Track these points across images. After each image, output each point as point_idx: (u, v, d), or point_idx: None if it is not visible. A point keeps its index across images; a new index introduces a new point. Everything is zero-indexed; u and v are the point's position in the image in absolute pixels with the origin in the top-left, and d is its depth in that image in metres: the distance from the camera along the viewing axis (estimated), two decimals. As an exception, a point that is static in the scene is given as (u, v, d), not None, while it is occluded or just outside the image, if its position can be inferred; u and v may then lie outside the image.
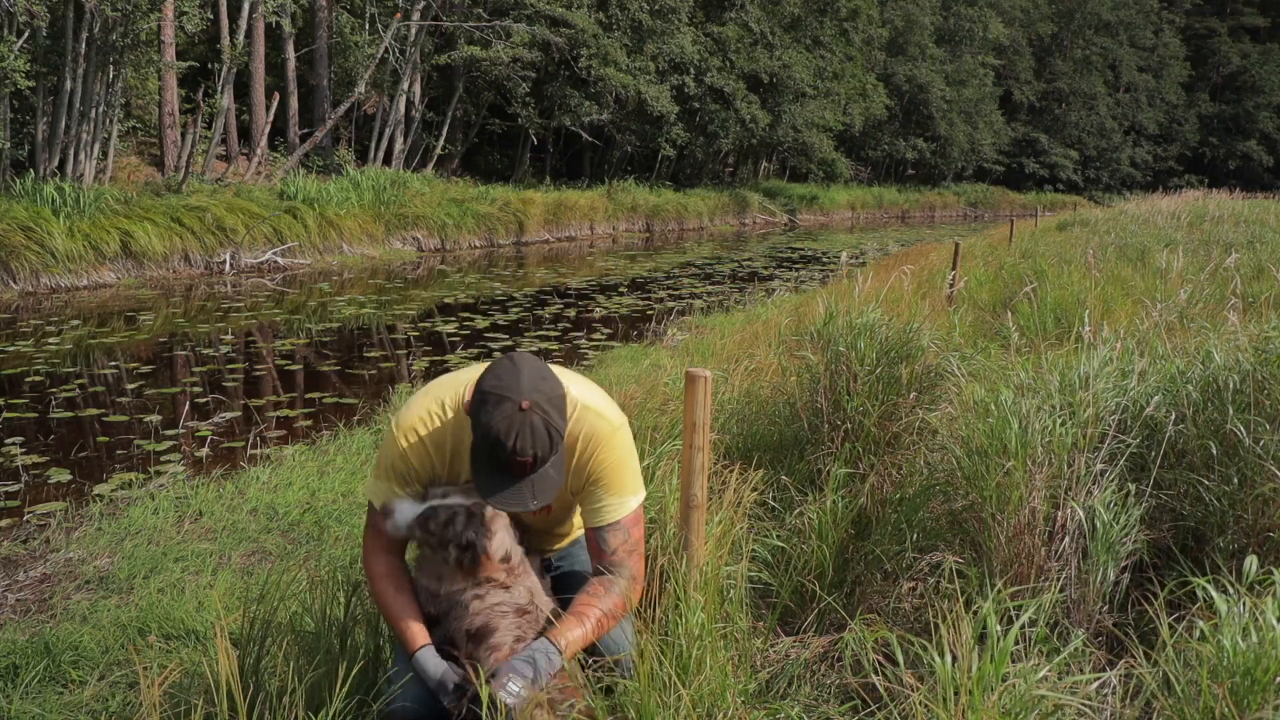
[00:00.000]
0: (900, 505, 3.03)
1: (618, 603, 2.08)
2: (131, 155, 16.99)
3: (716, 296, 12.46)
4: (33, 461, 5.21)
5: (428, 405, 2.10)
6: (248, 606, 3.15)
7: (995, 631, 1.83)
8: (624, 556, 2.11)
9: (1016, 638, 2.20)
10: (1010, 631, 1.85)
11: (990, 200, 46.03)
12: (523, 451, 1.89)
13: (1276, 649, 1.80)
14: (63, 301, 10.66)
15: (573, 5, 21.85)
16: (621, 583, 2.09)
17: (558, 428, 1.93)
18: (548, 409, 1.92)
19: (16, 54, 11.55)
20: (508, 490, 1.93)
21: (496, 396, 1.91)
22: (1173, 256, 7.86)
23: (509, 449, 1.89)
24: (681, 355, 7.08)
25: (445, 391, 2.12)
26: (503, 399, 1.90)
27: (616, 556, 2.10)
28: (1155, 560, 2.79)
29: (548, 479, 1.95)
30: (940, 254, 12.06)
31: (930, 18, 41.81)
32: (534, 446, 1.90)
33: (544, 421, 1.91)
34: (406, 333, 9.76)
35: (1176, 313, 5.13)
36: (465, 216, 18.54)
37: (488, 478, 1.94)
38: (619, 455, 2.11)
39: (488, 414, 1.90)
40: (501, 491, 1.93)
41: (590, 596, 2.08)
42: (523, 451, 1.89)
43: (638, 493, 2.14)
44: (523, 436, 1.89)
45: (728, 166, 35.06)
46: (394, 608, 2.11)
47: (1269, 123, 57.37)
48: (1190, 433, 2.88)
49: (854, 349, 3.50)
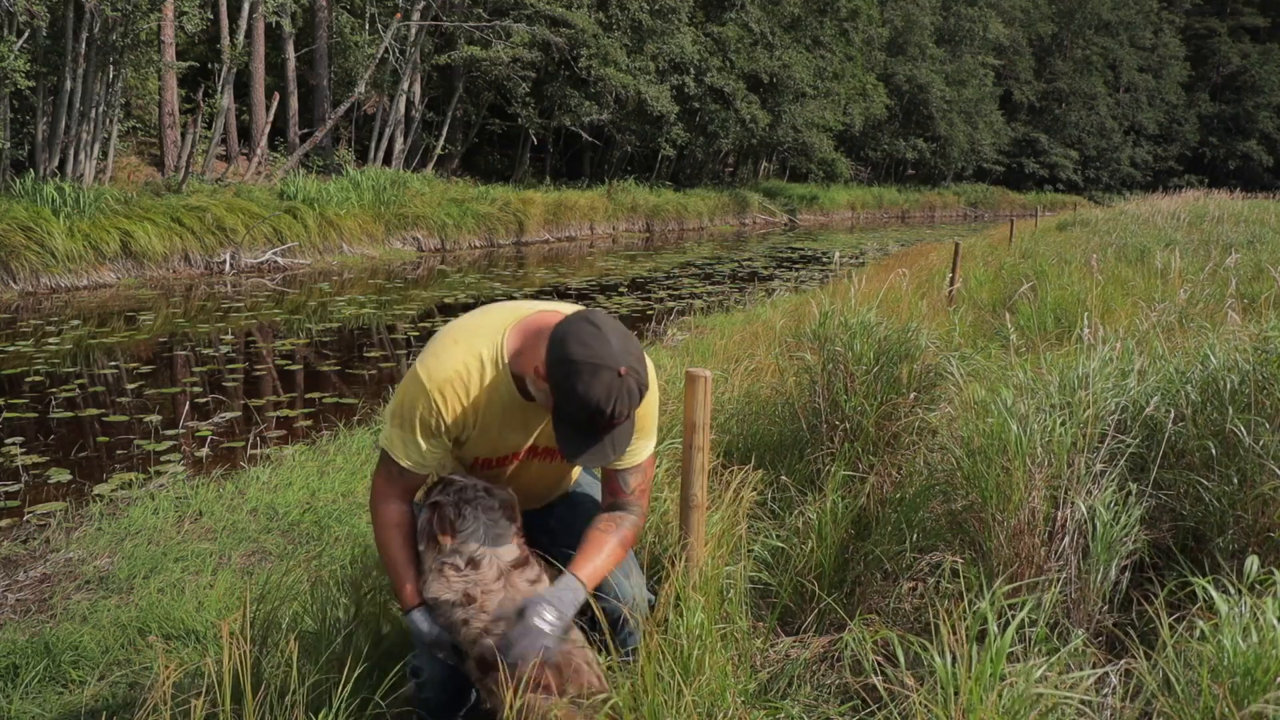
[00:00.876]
0: (900, 505, 3.03)
1: (629, 534, 2.14)
2: (131, 155, 16.99)
3: (716, 296, 12.46)
4: (33, 461, 5.21)
5: (464, 358, 2.01)
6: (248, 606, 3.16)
7: (993, 630, 1.83)
8: (639, 496, 2.18)
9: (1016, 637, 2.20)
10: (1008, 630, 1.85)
11: (990, 200, 46.05)
12: (619, 415, 1.91)
13: (1277, 649, 1.80)
14: (63, 301, 10.66)
15: (573, 5, 21.86)
16: (632, 517, 2.16)
17: (646, 384, 1.96)
18: (639, 370, 1.93)
19: (16, 54, 11.55)
20: (594, 449, 1.95)
21: (592, 365, 1.86)
22: (1172, 257, 7.86)
23: (608, 415, 1.88)
24: (681, 355, 7.08)
25: (482, 342, 2.02)
26: (599, 368, 1.86)
27: (634, 495, 2.17)
28: (1155, 560, 2.79)
29: (625, 431, 1.98)
30: (940, 254, 12.06)
31: (930, 18, 41.83)
32: (629, 408, 1.93)
33: (638, 383, 1.92)
34: (406, 333, 9.76)
35: (1176, 313, 5.13)
36: (465, 216, 18.54)
37: (573, 440, 1.94)
38: (651, 401, 2.14)
39: (584, 384, 1.86)
40: (588, 450, 1.95)
41: (602, 532, 2.11)
42: (619, 415, 1.91)
43: (653, 435, 2.21)
44: (621, 401, 1.89)
45: (728, 166, 35.07)
46: (397, 560, 2.09)
47: (1269, 123, 57.39)
48: (1190, 433, 2.88)
49: (850, 349, 3.50)
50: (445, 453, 2.11)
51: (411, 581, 2.08)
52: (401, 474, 2.07)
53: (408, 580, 2.08)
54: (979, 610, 1.91)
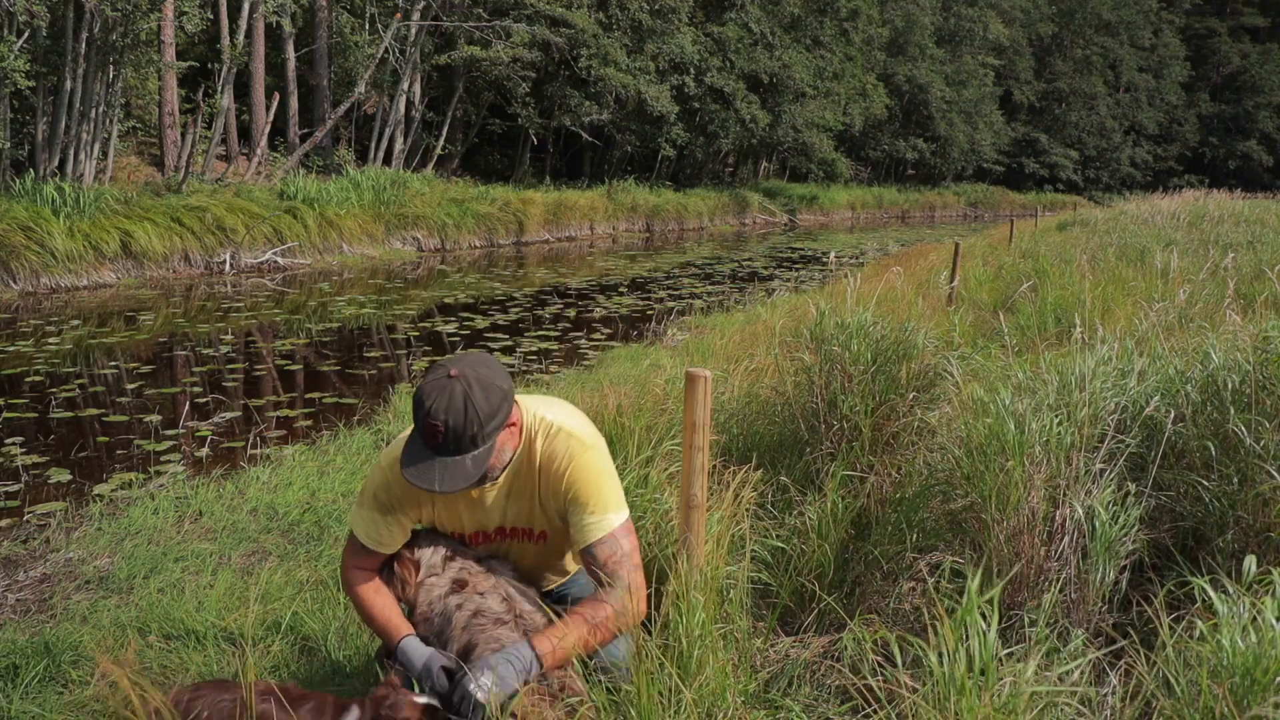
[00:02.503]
0: (900, 505, 3.03)
1: (608, 613, 2.04)
2: (131, 155, 16.99)
3: (716, 296, 12.46)
4: (33, 461, 5.21)
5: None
6: (248, 606, 3.16)
7: (980, 629, 1.83)
8: (615, 567, 2.08)
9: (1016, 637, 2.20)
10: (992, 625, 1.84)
11: (990, 200, 46.05)
12: (434, 414, 1.95)
13: (1276, 649, 1.80)
14: (63, 301, 10.66)
15: (573, 5, 21.86)
16: (615, 593, 2.05)
17: (478, 408, 1.96)
18: (474, 386, 1.97)
19: (16, 54, 11.55)
20: (421, 464, 1.98)
21: (437, 364, 2.03)
22: (1171, 257, 7.86)
23: (425, 409, 1.96)
24: (681, 355, 7.08)
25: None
26: (438, 366, 2.01)
27: (608, 568, 2.08)
28: (1155, 560, 2.79)
29: (460, 468, 1.98)
30: (940, 254, 12.06)
31: (930, 18, 41.81)
32: (446, 413, 1.94)
33: (464, 394, 1.95)
34: (406, 333, 9.76)
35: (1176, 313, 5.13)
36: (465, 216, 18.54)
37: (411, 446, 2.01)
38: (594, 471, 2.12)
39: (423, 378, 2.01)
40: (415, 464, 1.98)
41: (580, 607, 2.07)
42: (434, 414, 1.95)
43: (619, 509, 2.14)
44: (439, 400, 1.95)
45: (728, 166, 35.06)
46: (374, 607, 2.17)
47: (1269, 123, 57.38)
48: (1190, 433, 2.88)
49: (847, 349, 3.50)
50: (403, 531, 2.21)
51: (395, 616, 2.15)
52: (364, 549, 2.20)
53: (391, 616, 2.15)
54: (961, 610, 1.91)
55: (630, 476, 2.92)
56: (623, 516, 2.13)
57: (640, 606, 2.08)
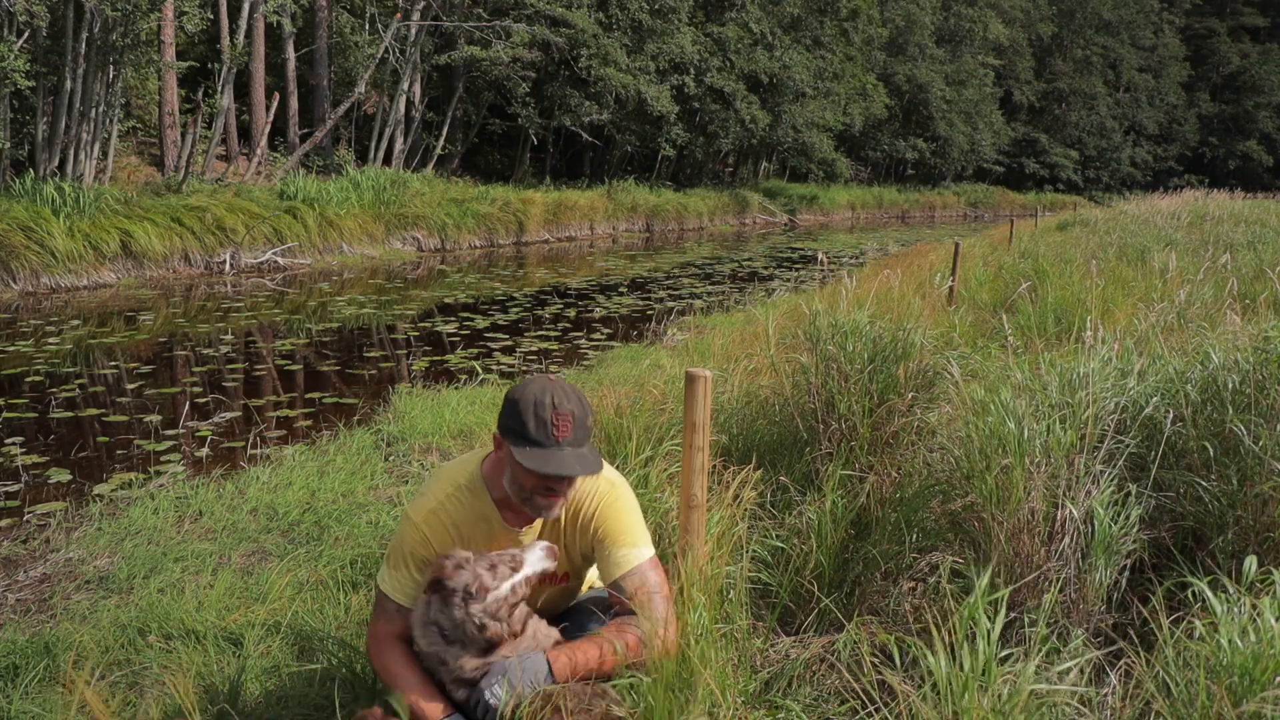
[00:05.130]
0: (899, 505, 3.03)
1: (631, 640, 2.03)
2: (131, 155, 16.99)
3: (716, 296, 12.46)
4: (33, 461, 5.21)
5: (442, 489, 2.17)
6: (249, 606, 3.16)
7: (985, 627, 1.83)
8: (645, 599, 2.07)
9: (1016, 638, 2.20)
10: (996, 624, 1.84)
11: (990, 200, 46.05)
12: (562, 405, 2.02)
13: (1275, 649, 1.80)
14: (63, 301, 10.66)
15: (573, 5, 21.85)
16: (643, 624, 2.01)
17: (584, 400, 2.08)
18: (567, 385, 2.08)
19: (16, 54, 11.55)
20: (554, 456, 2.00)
21: (524, 383, 2.08)
22: (1169, 257, 7.86)
23: (550, 404, 2.01)
24: (681, 355, 7.08)
25: (460, 474, 2.19)
26: (530, 380, 2.08)
27: (637, 599, 2.08)
28: (1155, 560, 2.79)
29: (590, 457, 2.05)
30: (940, 254, 12.06)
31: (930, 17, 41.81)
32: (571, 403, 2.03)
33: (571, 389, 2.06)
34: (406, 333, 9.76)
35: (1175, 313, 5.13)
36: (465, 216, 18.54)
37: (532, 451, 2.01)
38: (620, 509, 2.18)
39: (521, 392, 2.05)
40: (549, 461, 2.00)
41: (605, 629, 2.08)
42: (562, 405, 2.02)
43: (647, 545, 2.18)
44: (559, 394, 2.03)
45: (728, 166, 35.06)
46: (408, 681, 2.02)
47: (1269, 123, 57.38)
48: (1189, 433, 2.88)
49: (844, 350, 3.50)
50: None
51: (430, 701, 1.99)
52: (398, 611, 2.12)
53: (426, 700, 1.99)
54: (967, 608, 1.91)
55: (631, 477, 2.92)
56: (650, 551, 2.18)
57: (670, 638, 2.02)
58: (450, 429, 5.41)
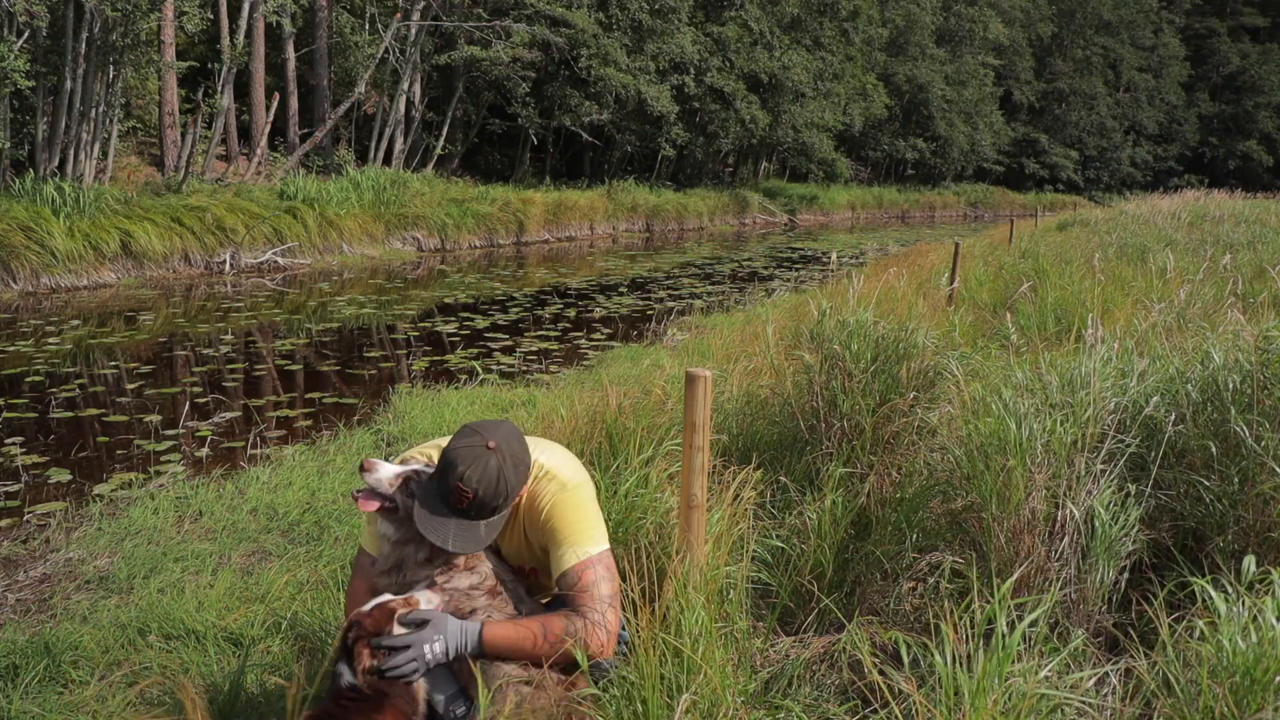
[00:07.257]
0: (900, 505, 3.03)
1: (557, 630, 2.09)
2: (131, 155, 16.99)
3: (716, 296, 12.46)
4: (33, 461, 5.21)
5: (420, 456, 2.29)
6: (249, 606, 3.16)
7: (1002, 630, 1.83)
8: (579, 594, 2.13)
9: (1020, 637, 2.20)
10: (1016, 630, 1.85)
11: (990, 200, 46.05)
12: (466, 482, 2.04)
13: (1276, 649, 1.80)
14: (63, 301, 10.66)
15: (573, 5, 21.85)
16: (575, 620, 2.10)
17: (509, 483, 2.08)
18: (508, 462, 2.07)
19: (16, 54, 11.55)
20: (438, 518, 2.06)
21: (471, 430, 2.10)
22: (1168, 256, 7.86)
23: (457, 474, 2.04)
24: (681, 355, 7.08)
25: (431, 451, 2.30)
26: (475, 433, 2.09)
27: (572, 595, 2.15)
28: (1155, 560, 2.79)
29: (474, 532, 2.09)
30: (940, 254, 12.06)
31: (930, 18, 41.80)
32: (479, 484, 2.04)
33: (499, 469, 2.05)
34: (406, 333, 9.76)
35: (1175, 313, 5.13)
36: (465, 216, 18.54)
37: (427, 499, 2.08)
38: (570, 507, 2.20)
39: (455, 441, 2.10)
40: (432, 518, 2.06)
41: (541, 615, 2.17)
42: (466, 482, 2.04)
43: (596, 544, 2.19)
44: (474, 469, 2.04)
45: (728, 166, 35.06)
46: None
47: (1269, 123, 57.37)
48: (1190, 433, 2.88)
49: (848, 349, 3.50)
50: None
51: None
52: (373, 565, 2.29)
53: None
54: (987, 610, 1.91)
55: (631, 477, 2.92)
56: (597, 549, 2.19)
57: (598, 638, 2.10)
58: (450, 429, 5.41)
